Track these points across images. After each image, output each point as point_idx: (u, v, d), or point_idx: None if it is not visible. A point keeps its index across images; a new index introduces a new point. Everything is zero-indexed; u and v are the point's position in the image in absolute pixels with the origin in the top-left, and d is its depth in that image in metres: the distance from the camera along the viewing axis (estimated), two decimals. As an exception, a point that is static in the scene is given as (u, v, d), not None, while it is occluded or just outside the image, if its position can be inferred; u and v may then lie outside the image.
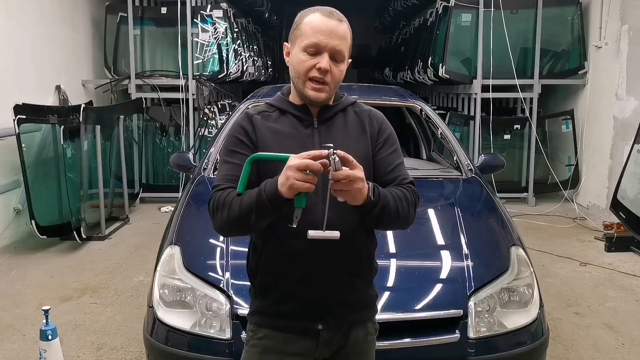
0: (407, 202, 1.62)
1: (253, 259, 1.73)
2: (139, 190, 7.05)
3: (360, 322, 1.75)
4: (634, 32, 6.03)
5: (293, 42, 1.67)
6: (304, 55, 1.62)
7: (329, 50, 1.61)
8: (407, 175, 1.72)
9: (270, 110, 1.74)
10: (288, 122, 1.70)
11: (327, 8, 1.66)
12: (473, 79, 7.09)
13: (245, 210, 1.53)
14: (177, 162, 3.95)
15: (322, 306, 1.68)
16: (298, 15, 1.69)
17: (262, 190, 1.51)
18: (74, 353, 3.36)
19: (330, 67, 1.61)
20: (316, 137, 1.67)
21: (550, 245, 5.52)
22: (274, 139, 1.67)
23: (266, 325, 1.72)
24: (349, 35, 1.66)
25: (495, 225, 3.14)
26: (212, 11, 7.07)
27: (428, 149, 4.98)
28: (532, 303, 2.62)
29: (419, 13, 8.92)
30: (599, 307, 4.12)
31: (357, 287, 1.72)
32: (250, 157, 1.55)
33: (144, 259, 4.92)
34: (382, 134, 1.73)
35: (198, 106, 7.05)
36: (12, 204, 5.55)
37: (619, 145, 6.24)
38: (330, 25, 1.61)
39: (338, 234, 1.52)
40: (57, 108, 6.03)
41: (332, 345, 1.71)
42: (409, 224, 1.68)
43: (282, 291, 1.68)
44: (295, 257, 1.62)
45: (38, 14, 6.15)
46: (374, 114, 1.77)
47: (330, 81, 1.63)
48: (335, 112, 1.72)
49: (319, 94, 1.63)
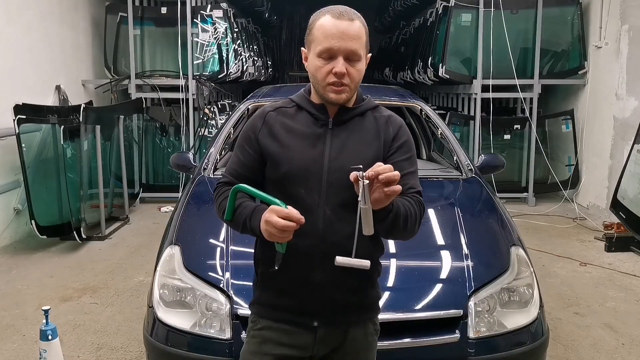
0: (413, 215, 1.62)
1: (259, 249, 1.75)
2: (139, 190, 7.05)
3: (360, 322, 1.76)
4: (634, 32, 6.03)
5: (308, 47, 1.67)
6: (319, 61, 1.61)
7: (343, 53, 1.59)
8: (417, 185, 1.70)
9: (289, 106, 1.74)
10: (303, 120, 1.70)
11: (338, 8, 1.63)
12: (473, 79, 7.09)
13: (234, 225, 1.68)
14: (177, 162, 3.95)
15: (319, 304, 1.68)
16: (311, 18, 1.68)
17: (247, 220, 1.61)
18: (74, 353, 3.36)
19: (347, 70, 1.60)
20: (328, 137, 1.67)
21: (550, 245, 5.52)
22: (285, 136, 1.67)
23: (265, 316, 1.74)
24: (364, 31, 1.64)
25: (495, 225, 3.14)
26: (212, 11, 7.07)
27: (428, 149, 4.98)
28: (532, 303, 2.62)
29: (419, 13, 8.92)
30: (599, 307, 4.12)
31: (357, 288, 1.72)
32: (234, 187, 1.62)
33: (144, 259, 4.92)
34: (398, 140, 1.70)
35: (198, 106, 7.05)
36: (12, 204, 5.55)
37: (619, 145, 6.24)
38: (341, 27, 1.59)
39: (368, 263, 1.52)
40: (57, 108, 6.04)
41: (330, 343, 1.71)
42: (413, 235, 1.68)
43: (281, 285, 1.69)
44: (298, 255, 1.62)
45: (38, 14, 6.15)
46: (393, 120, 1.75)
47: (349, 82, 1.62)
48: (353, 115, 1.70)
49: (339, 96, 1.63)
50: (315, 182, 1.63)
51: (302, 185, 1.63)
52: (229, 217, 1.64)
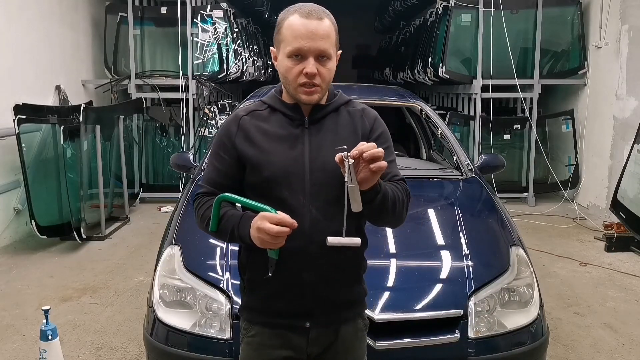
0: (401, 198, 1.64)
1: (244, 254, 1.73)
2: (139, 190, 7.05)
3: (350, 319, 1.75)
4: (634, 32, 6.03)
5: (277, 47, 1.65)
6: (289, 61, 1.60)
7: (313, 53, 1.58)
8: (399, 173, 1.71)
9: (262, 108, 1.73)
10: (278, 121, 1.69)
11: (306, 6, 1.61)
12: (473, 79, 7.09)
13: (219, 235, 1.65)
14: (177, 162, 3.95)
15: (309, 304, 1.68)
16: (279, 16, 1.66)
17: (234, 229, 1.59)
18: (74, 353, 3.36)
19: (317, 70, 1.59)
20: (306, 137, 1.66)
21: (550, 245, 5.52)
22: (262, 140, 1.66)
23: (256, 322, 1.73)
24: (333, 30, 1.63)
25: (495, 225, 3.14)
26: (212, 11, 7.07)
27: (428, 149, 4.99)
28: (532, 303, 2.62)
29: (419, 13, 8.92)
30: (599, 307, 4.12)
31: (345, 285, 1.72)
32: (218, 197, 1.59)
33: (144, 259, 4.92)
34: (375, 132, 1.71)
35: (198, 106, 7.05)
36: (12, 204, 5.55)
37: (619, 145, 6.24)
38: (310, 27, 1.57)
39: (359, 240, 1.53)
40: (57, 108, 6.03)
41: (322, 342, 1.71)
42: (401, 221, 1.68)
43: (270, 289, 1.68)
44: (287, 257, 1.61)
45: (38, 14, 6.15)
46: (367, 112, 1.75)
47: (321, 82, 1.61)
48: (327, 112, 1.70)
49: (311, 97, 1.62)
50: (299, 183, 1.62)
51: (286, 188, 1.62)
52: (214, 228, 1.62)
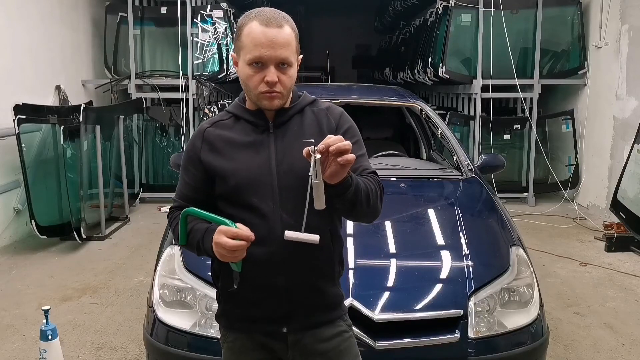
0: (374, 190, 1.61)
1: (216, 264, 1.71)
2: (139, 190, 7.05)
3: (328, 323, 1.72)
4: (634, 32, 6.03)
5: (237, 53, 1.64)
6: (250, 69, 1.59)
7: (274, 61, 1.57)
8: (369, 166, 1.69)
9: (226, 118, 1.72)
10: (243, 129, 1.68)
11: (266, 13, 1.59)
12: (473, 79, 7.09)
13: (190, 249, 1.66)
14: (177, 162, 3.94)
15: (285, 310, 1.66)
16: (239, 21, 1.64)
17: (199, 243, 1.60)
18: (74, 353, 3.36)
19: (278, 77, 1.58)
20: (271, 142, 1.65)
21: (550, 245, 5.52)
22: (227, 149, 1.65)
23: (233, 328, 1.73)
24: (294, 36, 1.61)
25: (495, 225, 3.14)
26: (212, 11, 7.07)
27: (428, 149, 4.98)
28: (532, 303, 2.62)
29: (419, 13, 8.92)
30: (599, 307, 4.12)
31: (320, 289, 1.70)
32: (182, 212, 1.60)
33: (144, 259, 4.92)
34: (341, 128, 1.69)
35: (198, 106, 7.06)
36: (12, 204, 5.55)
37: (619, 145, 6.24)
38: (270, 36, 1.55)
39: (317, 237, 1.50)
40: (57, 108, 6.03)
41: (302, 346, 1.69)
42: (377, 214, 1.66)
43: (244, 296, 1.67)
44: (256, 262, 1.59)
45: (38, 14, 6.15)
46: (332, 110, 1.74)
47: (282, 89, 1.60)
48: (291, 115, 1.68)
49: (272, 102, 1.61)
50: (267, 189, 1.61)
51: (254, 195, 1.61)
52: (182, 242, 1.63)
